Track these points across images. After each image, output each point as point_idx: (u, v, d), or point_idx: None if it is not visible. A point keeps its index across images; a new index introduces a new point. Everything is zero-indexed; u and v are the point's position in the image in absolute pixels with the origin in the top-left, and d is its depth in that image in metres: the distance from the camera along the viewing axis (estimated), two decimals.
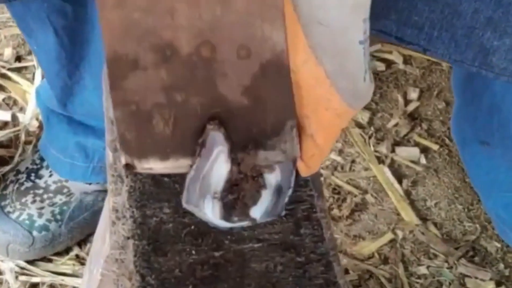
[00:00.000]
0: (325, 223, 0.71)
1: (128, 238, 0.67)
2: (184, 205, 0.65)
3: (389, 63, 1.64)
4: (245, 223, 0.65)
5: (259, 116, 0.61)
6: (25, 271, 1.28)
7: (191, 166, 0.62)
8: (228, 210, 0.64)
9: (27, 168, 1.32)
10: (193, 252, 0.66)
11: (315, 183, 0.73)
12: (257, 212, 0.65)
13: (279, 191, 0.66)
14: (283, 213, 0.67)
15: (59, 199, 1.29)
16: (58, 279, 1.28)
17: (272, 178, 0.65)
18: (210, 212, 0.64)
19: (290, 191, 0.67)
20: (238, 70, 0.59)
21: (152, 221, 0.67)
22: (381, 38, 0.84)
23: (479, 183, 1.30)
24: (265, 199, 0.65)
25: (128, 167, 0.62)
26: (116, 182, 0.71)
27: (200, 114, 0.60)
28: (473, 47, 0.79)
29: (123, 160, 0.61)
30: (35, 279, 1.27)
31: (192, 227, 0.68)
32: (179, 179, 0.69)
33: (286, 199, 0.67)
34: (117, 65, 0.58)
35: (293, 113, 0.62)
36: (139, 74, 0.58)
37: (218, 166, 0.62)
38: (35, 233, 1.27)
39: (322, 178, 1.45)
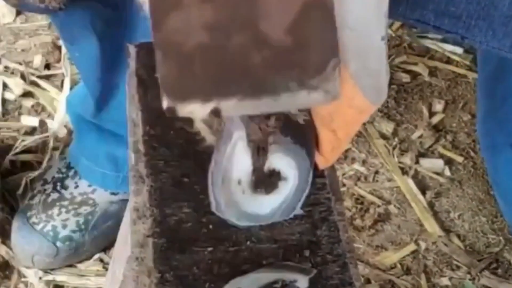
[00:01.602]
0: (342, 226, 0.72)
1: (148, 236, 0.68)
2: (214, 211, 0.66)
3: (414, 75, 1.65)
4: (263, 220, 0.66)
5: (302, 55, 0.59)
6: (49, 273, 1.30)
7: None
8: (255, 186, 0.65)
9: (53, 177, 1.34)
10: (211, 250, 0.67)
11: (332, 187, 0.74)
12: (275, 202, 0.66)
13: (296, 187, 0.66)
14: (300, 212, 0.68)
15: (84, 209, 1.31)
16: (82, 280, 1.30)
17: (290, 172, 0.66)
18: (240, 193, 0.65)
19: (307, 190, 0.67)
20: (281, 8, 0.58)
21: (172, 220, 0.69)
22: (418, 27, 0.84)
23: (503, 191, 1.29)
24: (284, 190, 0.66)
25: (170, 111, 0.59)
26: (138, 182, 0.72)
27: (243, 54, 0.58)
28: (510, 35, 0.80)
29: (165, 103, 0.59)
30: (59, 281, 1.29)
31: (211, 226, 0.69)
32: (198, 180, 0.70)
33: (303, 198, 0.67)
34: (160, 5, 0.58)
35: (336, 52, 0.60)
36: (182, 13, 0.57)
37: (239, 155, 0.63)
38: (59, 244, 1.29)
39: (345, 188, 1.46)
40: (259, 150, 0.65)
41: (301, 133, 0.67)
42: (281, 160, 0.65)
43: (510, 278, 1.38)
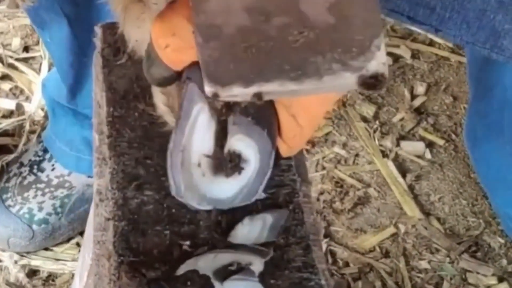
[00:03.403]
0: (308, 208, 0.71)
1: (109, 219, 0.67)
2: (174, 195, 0.65)
3: (396, 58, 1.64)
4: (224, 204, 0.66)
5: (345, 36, 0.57)
6: (25, 258, 1.29)
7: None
8: (215, 169, 0.64)
9: (30, 160, 1.33)
10: (171, 232, 0.67)
11: (299, 169, 0.73)
12: (236, 186, 0.65)
13: (258, 170, 0.66)
14: (263, 196, 0.68)
15: (61, 192, 1.30)
16: (58, 265, 1.29)
17: (251, 155, 0.65)
18: (199, 175, 0.64)
19: (269, 173, 0.67)
20: None
21: (133, 202, 0.68)
22: (392, 18, 0.84)
23: (488, 180, 1.29)
24: (245, 174, 0.65)
25: (213, 95, 0.58)
26: (101, 165, 0.71)
27: (283, 36, 0.57)
28: (484, 29, 0.78)
29: (208, 89, 0.58)
30: (34, 266, 1.29)
31: (172, 209, 0.68)
32: (161, 162, 0.70)
33: (265, 181, 0.67)
34: None
35: (380, 31, 0.58)
36: None
37: (199, 133, 0.62)
38: (34, 226, 1.28)
39: (325, 171, 1.45)
40: (220, 128, 0.64)
41: (263, 114, 0.66)
42: (241, 142, 0.64)
43: (489, 261, 1.37)
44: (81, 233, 1.32)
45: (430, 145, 1.52)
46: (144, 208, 0.68)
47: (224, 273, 0.62)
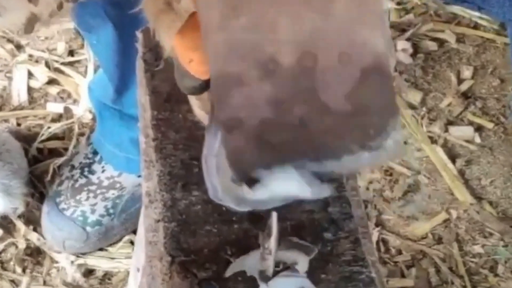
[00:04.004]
0: (356, 201, 0.71)
1: (159, 221, 0.68)
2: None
3: (441, 42, 1.63)
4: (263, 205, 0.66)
5: (362, 119, 0.60)
6: (81, 258, 1.32)
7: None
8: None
9: (80, 163, 1.35)
10: (220, 232, 0.67)
11: None
12: None
13: None
14: None
15: (112, 193, 1.32)
16: (113, 264, 1.31)
17: None
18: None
19: None
20: (340, 77, 0.59)
21: (182, 203, 0.69)
22: None
23: None
24: None
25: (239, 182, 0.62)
26: (148, 167, 0.72)
27: (304, 124, 0.60)
28: None
29: (236, 177, 0.61)
30: (90, 264, 1.31)
31: (222, 209, 0.69)
32: None
33: None
34: (222, 84, 0.59)
35: (396, 112, 0.61)
36: (244, 90, 0.59)
37: None
38: (88, 228, 1.30)
39: None
40: None
41: None
42: None
43: None
44: (134, 232, 1.34)
45: (479, 129, 1.50)
46: (193, 208, 0.69)
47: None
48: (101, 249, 1.33)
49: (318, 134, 0.60)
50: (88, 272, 1.31)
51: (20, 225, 1.32)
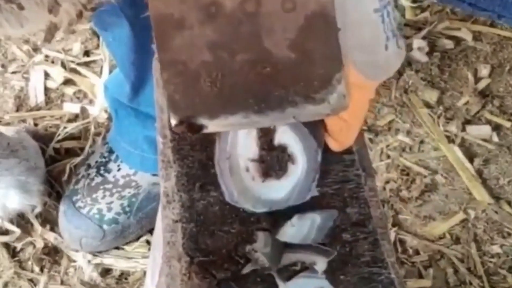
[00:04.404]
0: (374, 202, 0.71)
1: (177, 221, 0.68)
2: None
3: (458, 41, 1.62)
4: (279, 205, 0.66)
5: (307, 70, 0.60)
6: (98, 258, 1.32)
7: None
8: (264, 172, 0.64)
9: (96, 162, 1.36)
10: (239, 232, 0.67)
11: (363, 163, 0.73)
12: (287, 185, 0.65)
13: (307, 169, 0.65)
14: (316, 193, 0.67)
15: (128, 192, 1.32)
16: (130, 263, 1.31)
17: (298, 151, 0.65)
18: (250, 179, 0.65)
19: (318, 169, 0.66)
20: (284, 23, 0.59)
21: (200, 204, 0.69)
22: (453, 5, 0.82)
23: None
24: (294, 173, 0.65)
25: (178, 129, 0.62)
26: (166, 167, 0.72)
27: (247, 71, 0.60)
28: None
29: (173, 121, 0.61)
30: (107, 265, 1.31)
31: (239, 210, 0.68)
32: None
33: (317, 178, 0.66)
34: (163, 25, 0.59)
35: (341, 66, 0.60)
36: (185, 33, 0.59)
37: (242, 138, 0.63)
38: (105, 226, 1.31)
39: (390, 160, 1.44)
40: (262, 132, 0.64)
41: None
42: (287, 134, 0.65)
43: None
44: (150, 231, 1.34)
45: (496, 128, 1.50)
46: (211, 209, 0.68)
47: (288, 272, 0.62)
48: (117, 248, 1.33)
49: (261, 82, 0.60)
50: (105, 272, 1.31)
51: (37, 224, 1.33)
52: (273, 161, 0.65)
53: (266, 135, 0.64)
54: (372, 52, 0.62)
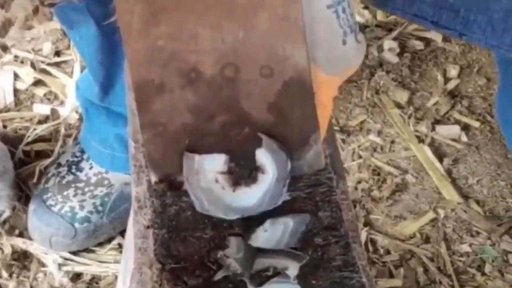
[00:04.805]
0: (346, 205, 0.71)
1: (148, 227, 0.68)
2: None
3: (427, 42, 1.63)
4: (251, 211, 0.66)
5: (285, 131, 0.63)
6: (68, 262, 1.30)
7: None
8: (234, 182, 0.65)
9: (67, 160, 1.34)
10: (211, 238, 0.67)
11: (335, 166, 0.73)
12: (258, 192, 0.65)
13: (277, 177, 0.66)
14: (287, 197, 0.68)
15: (100, 191, 1.31)
16: (101, 268, 1.30)
17: (267, 163, 0.65)
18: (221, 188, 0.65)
19: (289, 175, 0.67)
20: (262, 88, 0.61)
21: (172, 209, 0.68)
22: (416, 23, 0.83)
23: None
24: (264, 182, 0.65)
25: (158, 185, 0.65)
26: (138, 172, 0.72)
27: (226, 131, 0.62)
28: (510, 31, 0.77)
29: (154, 178, 0.64)
30: (78, 270, 1.30)
31: (211, 215, 0.68)
32: None
33: (287, 183, 0.67)
34: (144, 90, 0.61)
35: (317, 126, 0.64)
36: (166, 97, 0.61)
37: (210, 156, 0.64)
38: (77, 225, 1.29)
39: (361, 160, 1.45)
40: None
41: None
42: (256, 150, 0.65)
43: None
44: (122, 233, 1.33)
45: (465, 128, 1.51)
46: (183, 214, 0.68)
47: (260, 278, 0.62)
48: (88, 251, 1.32)
49: (239, 141, 0.62)
50: (76, 276, 1.30)
51: (5, 229, 1.31)
52: (242, 171, 0.65)
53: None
54: (330, 48, 0.63)
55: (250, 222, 0.67)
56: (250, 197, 0.66)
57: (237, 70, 0.60)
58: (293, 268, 0.63)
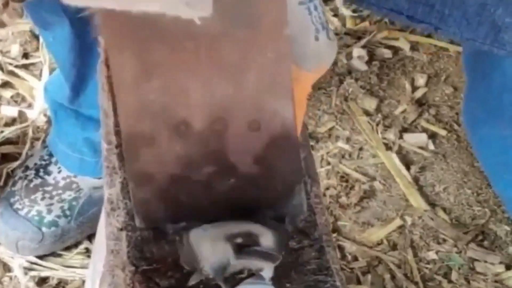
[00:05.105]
0: (320, 209, 0.71)
1: (121, 229, 0.67)
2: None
3: (396, 50, 1.64)
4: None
5: (270, 183, 0.64)
6: (34, 266, 1.29)
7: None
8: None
9: (35, 164, 1.33)
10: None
11: (309, 170, 0.73)
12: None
13: None
14: None
15: (68, 195, 1.30)
16: (67, 273, 1.29)
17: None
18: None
19: None
20: (249, 142, 0.63)
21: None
22: (391, 18, 0.84)
23: (489, 166, 1.29)
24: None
25: (143, 233, 0.66)
26: (111, 174, 0.71)
27: (212, 182, 0.64)
28: (484, 24, 0.79)
29: (139, 224, 0.65)
30: (44, 274, 1.28)
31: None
32: None
33: None
34: (133, 141, 0.62)
35: (301, 178, 0.66)
36: (154, 149, 0.62)
37: None
38: (44, 229, 1.27)
39: (330, 166, 1.46)
40: None
41: None
42: None
43: (496, 249, 1.38)
44: (89, 237, 1.32)
45: (432, 136, 1.52)
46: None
47: (235, 280, 0.62)
48: (55, 256, 1.31)
49: (225, 191, 0.64)
50: (42, 281, 1.28)
51: None
52: None
53: None
54: (302, 43, 0.64)
55: None
56: None
57: (226, 124, 0.62)
58: (268, 270, 0.63)
